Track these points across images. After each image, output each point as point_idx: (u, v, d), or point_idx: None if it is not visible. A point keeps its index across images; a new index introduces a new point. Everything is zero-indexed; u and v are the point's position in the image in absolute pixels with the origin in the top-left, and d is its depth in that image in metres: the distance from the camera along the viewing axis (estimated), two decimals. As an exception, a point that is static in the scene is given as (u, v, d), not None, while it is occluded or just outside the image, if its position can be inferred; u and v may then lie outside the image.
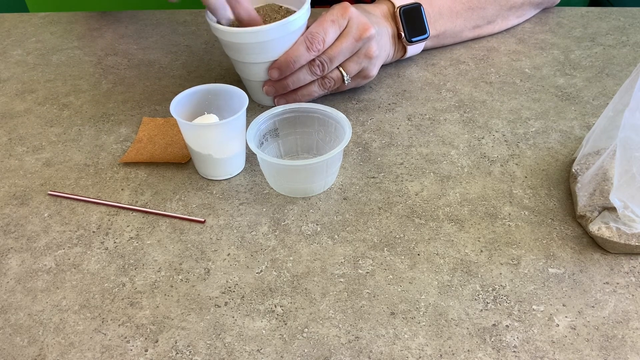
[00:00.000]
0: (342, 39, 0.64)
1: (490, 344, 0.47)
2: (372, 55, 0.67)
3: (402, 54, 0.76)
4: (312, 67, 0.64)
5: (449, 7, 0.76)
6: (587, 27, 0.85)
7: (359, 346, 0.47)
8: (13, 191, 0.62)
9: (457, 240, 0.55)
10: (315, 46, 0.63)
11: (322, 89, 0.68)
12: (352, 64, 0.66)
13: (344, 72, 0.66)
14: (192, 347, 0.47)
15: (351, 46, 0.64)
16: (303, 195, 0.59)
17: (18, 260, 0.55)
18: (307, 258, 0.54)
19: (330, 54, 0.64)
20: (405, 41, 0.73)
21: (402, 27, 0.72)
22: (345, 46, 0.64)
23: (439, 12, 0.76)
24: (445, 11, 0.76)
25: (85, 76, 0.79)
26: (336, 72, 0.66)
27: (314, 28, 0.63)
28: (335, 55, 0.64)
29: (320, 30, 0.63)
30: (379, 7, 0.73)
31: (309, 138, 0.63)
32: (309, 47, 0.63)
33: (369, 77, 0.70)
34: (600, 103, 0.70)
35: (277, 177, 0.59)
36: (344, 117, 0.59)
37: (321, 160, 0.55)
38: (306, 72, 0.65)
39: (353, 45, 0.64)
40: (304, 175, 0.58)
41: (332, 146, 0.60)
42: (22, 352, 0.47)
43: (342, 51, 0.64)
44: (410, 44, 0.74)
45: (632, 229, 0.51)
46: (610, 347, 0.46)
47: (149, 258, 0.54)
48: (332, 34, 0.63)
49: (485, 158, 0.63)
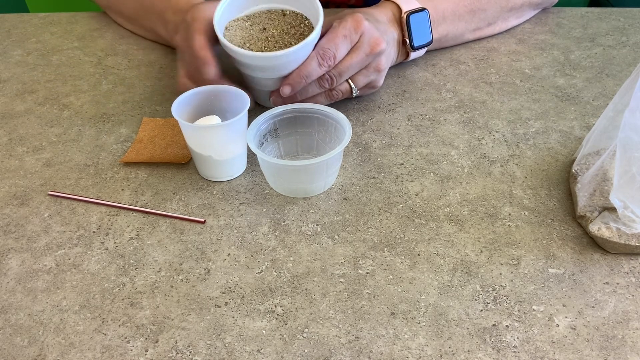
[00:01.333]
0: (352, 54, 0.63)
1: (491, 344, 0.47)
2: (381, 69, 0.67)
3: (404, 58, 0.76)
4: (322, 81, 0.64)
5: (452, 10, 0.76)
6: (587, 28, 0.85)
7: (359, 346, 0.47)
8: (13, 191, 0.62)
9: (457, 241, 0.55)
10: (327, 62, 0.62)
11: (329, 100, 0.67)
12: (361, 77, 0.66)
13: (353, 85, 0.66)
14: (193, 347, 0.47)
15: (361, 61, 0.64)
16: (303, 195, 0.59)
17: (18, 260, 0.55)
18: (307, 258, 0.54)
19: (340, 68, 0.63)
20: (409, 48, 0.73)
21: (407, 34, 0.72)
22: (356, 61, 0.64)
23: (442, 15, 0.75)
24: (448, 14, 0.76)
25: (86, 76, 0.79)
26: (345, 85, 0.66)
27: (326, 43, 0.62)
28: (345, 70, 0.64)
29: (332, 46, 0.62)
30: (385, 11, 0.72)
31: (309, 138, 0.63)
32: (321, 63, 0.62)
33: (375, 87, 0.70)
34: (600, 103, 0.70)
35: (277, 177, 0.59)
36: (344, 117, 0.59)
37: (321, 161, 0.55)
38: (315, 86, 0.64)
39: (363, 60, 0.64)
40: (304, 176, 0.58)
41: (332, 146, 0.60)
42: (22, 352, 0.47)
43: (352, 66, 0.64)
44: (414, 51, 0.74)
45: (632, 229, 0.51)
46: (610, 347, 0.46)
47: (149, 258, 0.54)
48: (343, 49, 0.63)
49: (485, 158, 0.63)
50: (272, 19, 0.64)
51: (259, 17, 0.65)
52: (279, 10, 0.65)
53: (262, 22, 0.64)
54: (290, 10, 0.65)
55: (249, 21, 0.64)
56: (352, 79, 0.66)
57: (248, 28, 0.63)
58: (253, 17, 0.65)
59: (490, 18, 0.80)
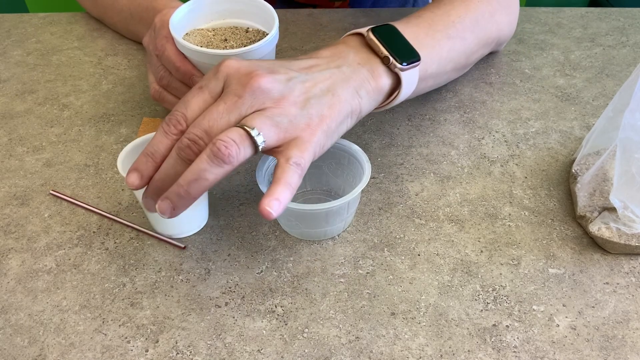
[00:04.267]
0: (218, 102, 0.45)
1: (491, 344, 0.47)
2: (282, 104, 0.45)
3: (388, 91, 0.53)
4: (181, 152, 0.45)
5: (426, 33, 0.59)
6: (586, 28, 0.85)
7: (359, 346, 0.47)
8: (13, 191, 0.62)
9: (457, 241, 0.55)
10: (173, 127, 0.46)
11: (218, 164, 0.43)
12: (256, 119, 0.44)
13: (249, 128, 0.44)
14: (193, 347, 0.47)
15: (231, 106, 0.45)
16: (323, 238, 0.55)
17: (18, 260, 0.55)
18: (307, 258, 0.54)
19: (202, 123, 0.44)
20: (397, 65, 0.52)
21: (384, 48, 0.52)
22: (223, 108, 0.45)
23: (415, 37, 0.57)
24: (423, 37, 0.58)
25: (86, 76, 0.79)
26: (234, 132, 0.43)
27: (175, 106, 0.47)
28: (209, 122, 0.44)
29: (180, 106, 0.46)
30: (344, 44, 0.53)
31: (317, 172, 0.58)
32: (166, 131, 0.46)
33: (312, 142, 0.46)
34: (600, 103, 0.70)
35: (293, 222, 0.54)
36: (358, 148, 0.54)
37: (344, 202, 0.50)
38: (175, 161, 0.45)
39: (235, 104, 0.45)
40: (324, 219, 0.52)
41: (346, 179, 0.56)
42: (22, 352, 0.47)
43: (220, 114, 0.45)
44: (404, 70, 0.52)
45: (632, 230, 0.51)
46: (610, 347, 0.46)
47: (150, 258, 0.54)
48: (196, 104, 0.46)
49: (485, 158, 0.63)
50: (234, 33, 0.63)
51: (222, 30, 0.64)
52: (243, 28, 0.64)
53: (225, 34, 0.63)
54: (254, 28, 0.63)
55: (212, 32, 0.63)
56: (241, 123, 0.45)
57: (210, 36, 0.62)
58: (217, 29, 0.64)
59: (469, 51, 0.66)
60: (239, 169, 0.63)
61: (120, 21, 0.82)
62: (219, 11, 0.63)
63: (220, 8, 0.62)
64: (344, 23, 0.86)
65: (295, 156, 0.45)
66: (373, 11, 0.90)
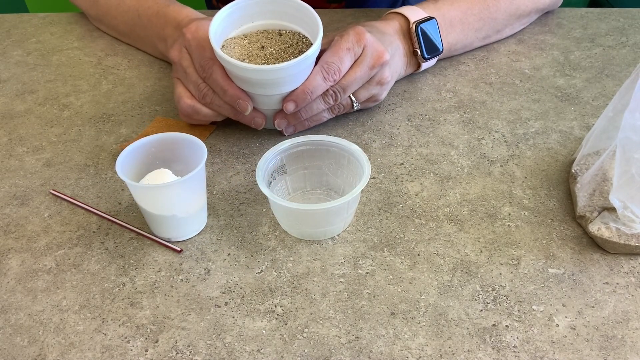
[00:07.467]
0: (355, 68, 0.62)
1: (490, 344, 0.47)
2: (384, 82, 0.66)
3: (413, 69, 0.75)
4: (326, 97, 0.63)
5: (461, 19, 0.75)
6: (586, 28, 0.85)
7: (359, 346, 0.47)
8: (13, 191, 0.62)
9: (457, 241, 0.55)
10: (331, 76, 0.61)
11: (331, 114, 0.66)
12: (363, 91, 0.65)
13: (354, 99, 0.65)
14: (193, 347, 0.47)
15: (365, 75, 0.63)
16: (322, 238, 0.55)
17: (18, 260, 0.55)
18: (307, 258, 0.54)
19: (344, 83, 0.62)
20: (420, 58, 0.72)
21: (417, 44, 0.71)
22: (359, 75, 0.62)
23: (450, 24, 0.74)
24: (457, 23, 0.75)
25: (86, 76, 0.79)
26: (346, 99, 0.65)
27: (330, 57, 0.61)
28: (349, 84, 0.62)
29: (336, 60, 0.61)
30: (391, 24, 0.71)
31: (318, 172, 0.59)
32: (326, 77, 0.60)
33: (377, 101, 0.69)
34: (599, 103, 0.70)
35: (293, 221, 0.55)
36: (358, 148, 0.55)
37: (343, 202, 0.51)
38: (319, 102, 0.63)
39: (366, 74, 0.63)
40: (324, 218, 0.53)
41: (346, 179, 0.57)
42: (22, 352, 0.47)
43: (356, 80, 0.63)
44: (425, 61, 0.73)
45: (631, 230, 0.51)
46: (610, 347, 0.46)
47: (149, 258, 0.54)
48: (347, 62, 0.61)
49: (485, 158, 0.64)
50: (269, 39, 0.63)
51: (256, 36, 0.63)
52: (275, 31, 0.63)
53: (260, 41, 0.63)
54: (287, 30, 0.64)
55: (246, 39, 0.62)
56: (354, 93, 0.65)
57: (246, 46, 0.62)
58: (250, 35, 0.63)
59: (499, 26, 0.79)
60: (239, 169, 0.63)
61: (124, 22, 0.81)
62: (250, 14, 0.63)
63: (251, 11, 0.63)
64: (344, 23, 0.86)
65: None
66: (373, 11, 0.90)
